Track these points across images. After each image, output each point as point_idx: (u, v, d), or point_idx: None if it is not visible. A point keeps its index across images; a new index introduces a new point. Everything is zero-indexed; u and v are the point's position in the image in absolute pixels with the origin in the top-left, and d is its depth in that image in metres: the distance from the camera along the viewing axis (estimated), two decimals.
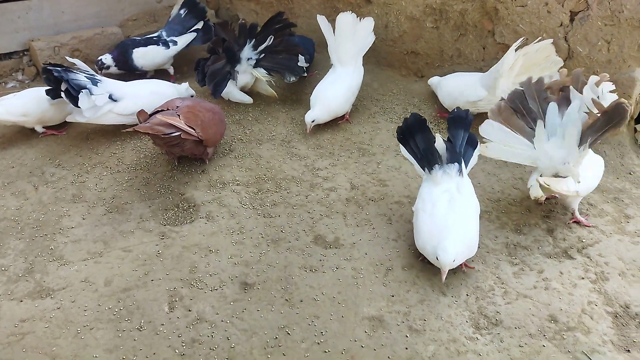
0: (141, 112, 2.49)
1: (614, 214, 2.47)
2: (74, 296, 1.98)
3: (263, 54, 3.23)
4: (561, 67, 2.65)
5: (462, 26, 3.27)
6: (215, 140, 2.70)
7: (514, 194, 2.57)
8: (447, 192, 2.10)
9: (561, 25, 2.91)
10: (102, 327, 1.87)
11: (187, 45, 3.51)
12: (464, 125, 2.24)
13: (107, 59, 3.29)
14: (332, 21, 3.08)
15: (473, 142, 2.26)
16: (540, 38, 2.78)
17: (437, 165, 2.15)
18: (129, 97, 2.79)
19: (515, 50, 2.68)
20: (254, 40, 3.20)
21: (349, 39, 3.02)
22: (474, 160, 2.27)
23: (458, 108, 2.32)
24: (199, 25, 3.54)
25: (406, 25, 3.47)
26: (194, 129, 2.47)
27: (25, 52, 3.57)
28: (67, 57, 2.92)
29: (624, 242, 2.30)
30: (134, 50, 3.31)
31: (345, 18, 2.99)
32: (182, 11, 3.53)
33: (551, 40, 2.73)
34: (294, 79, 3.28)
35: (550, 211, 2.47)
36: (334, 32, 3.05)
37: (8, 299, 1.96)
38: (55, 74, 2.59)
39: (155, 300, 1.97)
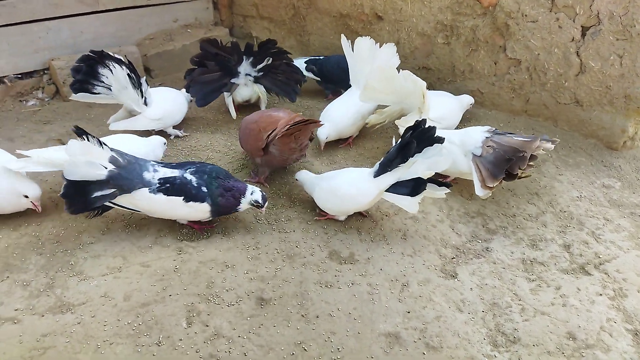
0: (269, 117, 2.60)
1: (630, 229, 2.45)
2: (93, 311, 2.01)
3: (262, 72, 3.24)
4: None
5: (474, 42, 3.30)
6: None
7: (529, 209, 2.56)
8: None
9: (573, 40, 2.93)
10: (122, 342, 1.89)
11: None
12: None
13: None
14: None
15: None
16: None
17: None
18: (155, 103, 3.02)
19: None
20: (252, 58, 3.21)
21: (367, 63, 2.95)
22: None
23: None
24: None
25: (417, 41, 3.51)
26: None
27: (45, 71, 3.67)
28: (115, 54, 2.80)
29: None
30: None
31: (363, 43, 2.91)
32: None
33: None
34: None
35: (567, 227, 2.46)
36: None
37: (30, 314, 1.99)
38: (132, 74, 2.77)
39: (173, 315, 1.99)
